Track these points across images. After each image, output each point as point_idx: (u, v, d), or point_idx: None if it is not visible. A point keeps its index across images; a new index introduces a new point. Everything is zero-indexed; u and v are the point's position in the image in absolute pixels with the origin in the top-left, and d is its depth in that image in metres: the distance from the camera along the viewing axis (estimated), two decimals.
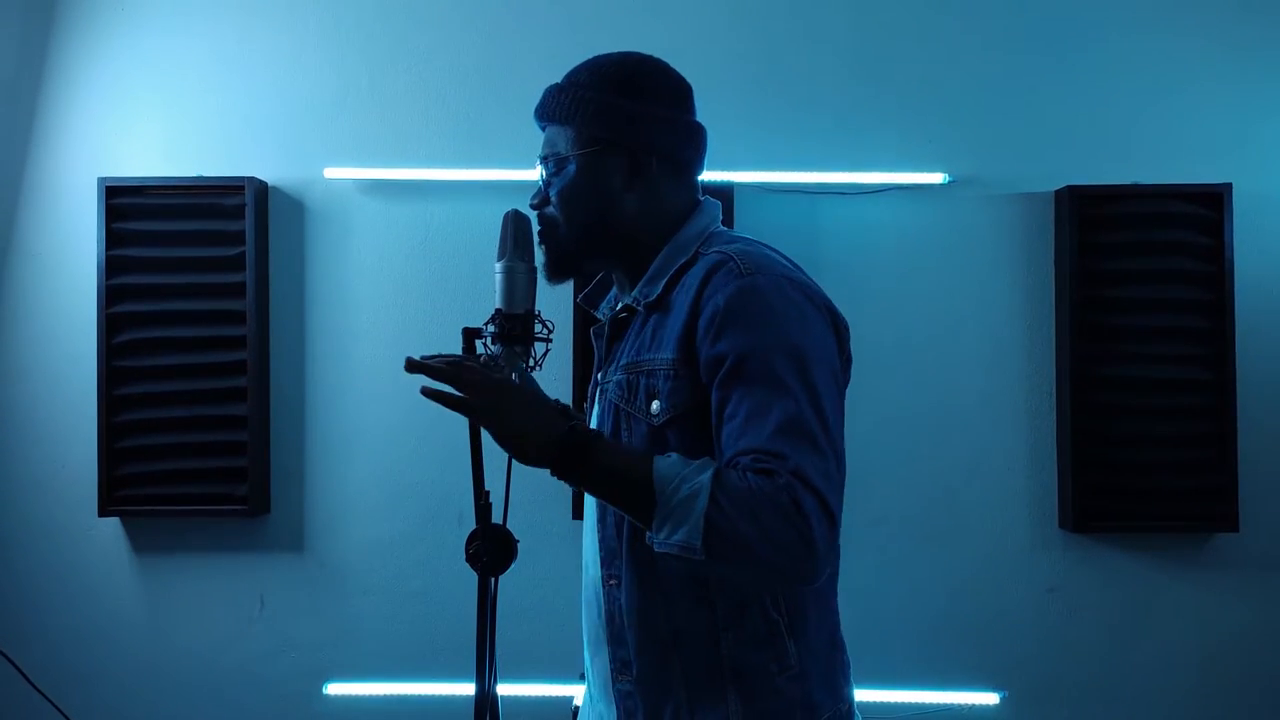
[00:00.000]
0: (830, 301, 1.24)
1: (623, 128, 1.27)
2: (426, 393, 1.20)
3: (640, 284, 1.29)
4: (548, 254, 1.33)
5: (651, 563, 1.20)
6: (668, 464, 1.12)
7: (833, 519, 1.08)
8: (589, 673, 1.34)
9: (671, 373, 1.21)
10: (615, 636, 1.27)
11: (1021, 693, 2.63)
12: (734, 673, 1.21)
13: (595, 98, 1.27)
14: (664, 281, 1.27)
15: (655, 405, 1.21)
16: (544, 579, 2.62)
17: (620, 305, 1.32)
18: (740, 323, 1.16)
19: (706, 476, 1.08)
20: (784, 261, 1.26)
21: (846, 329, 1.26)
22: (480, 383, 1.18)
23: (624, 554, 1.25)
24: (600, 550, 1.29)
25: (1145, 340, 2.59)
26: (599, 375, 1.34)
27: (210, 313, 2.60)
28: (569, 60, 1.33)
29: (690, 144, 1.32)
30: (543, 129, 1.33)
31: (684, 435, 1.19)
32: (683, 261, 1.26)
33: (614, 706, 1.27)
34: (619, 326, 1.32)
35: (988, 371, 2.66)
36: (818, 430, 1.11)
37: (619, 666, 1.26)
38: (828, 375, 1.17)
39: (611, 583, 1.27)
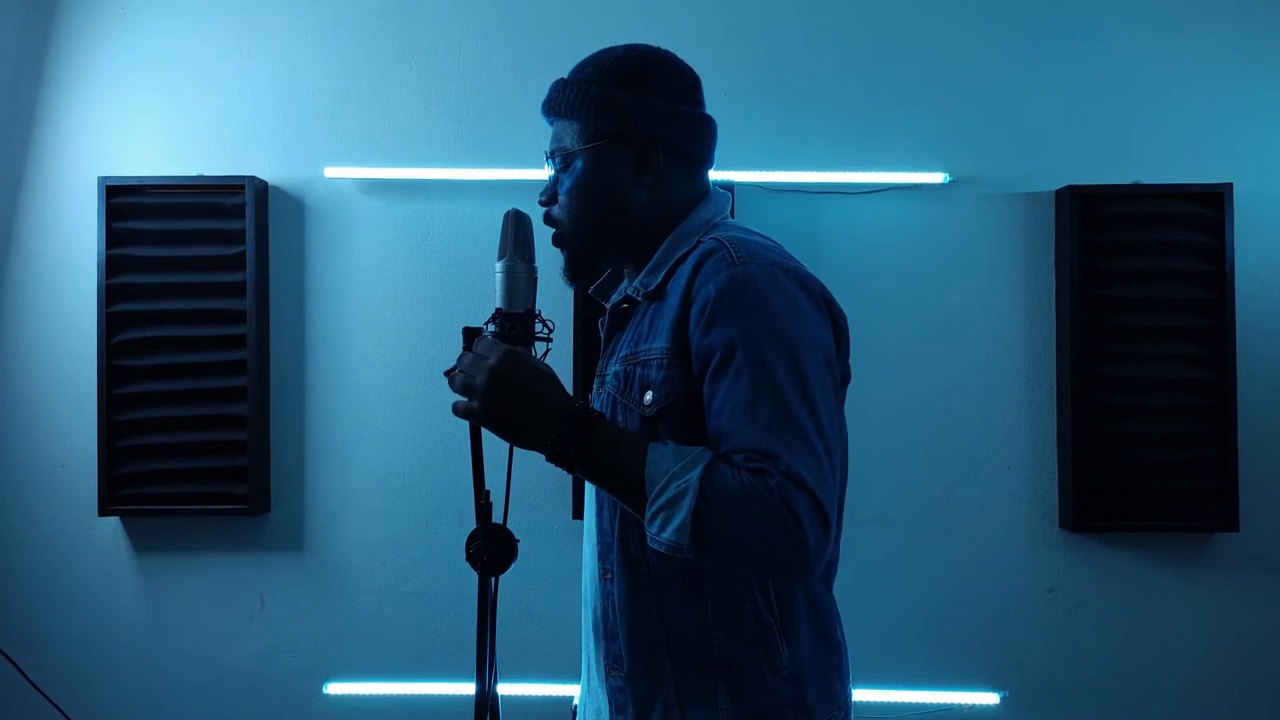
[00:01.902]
0: (827, 292, 1.22)
1: (629, 121, 1.26)
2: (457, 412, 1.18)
3: (642, 274, 1.29)
4: (565, 256, 1.32)
5: (644, 558, 1.20)
6: (661, 456, 1.10)
7: (826, 517, 1.06)
8: (587, 664, 1.34)
9: (664, 362, 1.19)
10: (609, 631, 1.26)
11: (1022, 692, 2.63)
12: (725, 671, 1.20)
13: (601, 92, 1.27)
14: (664, 272, 1.25)
15: (648, 396, 1.19)
16: (544, 578, 2.62)
17: (622, 295, 1.31)
18: (732, 313, 1.13)
19: (695, 474, 1.07)
20: (779, 250, 1.23)
21: (844, 321, 1.24)
22: (480, 354, 1.16)
23: (616, 548, 1.24)
24: (597, 543, 1.29)
25: (1146, 340, 2.59)
26: (600, 366, 1.33)
27: (210, 312, 2.60)
28: (569, 59, 1.33)
29: (698, 137, 1.31)
30: (550, 124, 1.33)
31: (675, 426, 1.17)
32: (683, 251, 1.25)
33: (608, 700, 1.27)
34: (620, 317, 1.31)
35: (988, 371, 2.66)
36: (809, 426, 1.09)
37: (612, 661, 1.26)
38: (822, 367, 1.14)
39: (606, 577, 1.26)
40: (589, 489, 1.29)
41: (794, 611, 1.22)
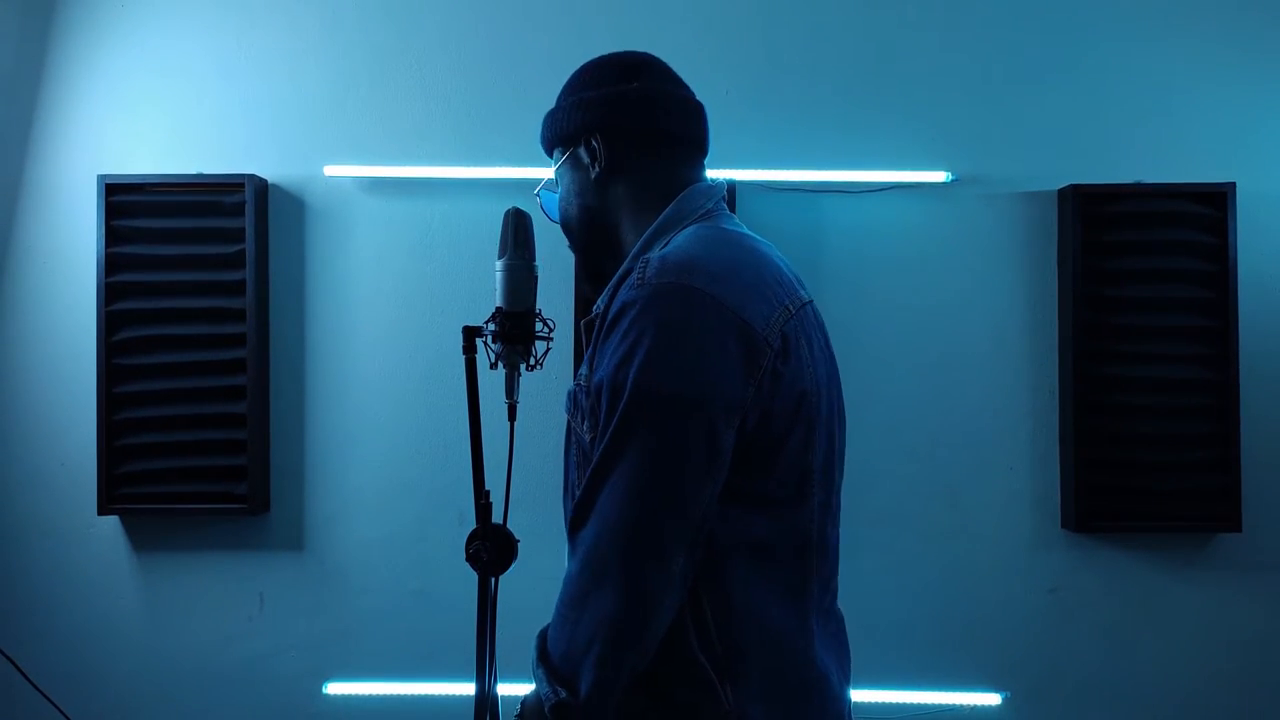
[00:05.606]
0: (752, 314, 1.09)
1: (579, 120, 1.26)
2: None
3: (604, 291, 1.25)
4: (578, 268, 1.36)
5: None
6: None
7: (589, 576, 1.10)
8: None
9: (590, 390, 1.16)
10: None
11: (1023, 693, 2.62)
12: (665, 707, 1.13)
13: (558, 107, 1.30)
14: (612, 289, 1.19)
15: (586, 424, 1.16)
16: (544, 579, 2.60)
17: (592, 311, 1.27)
18: (609, 350, 1.09)
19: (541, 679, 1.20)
20: (716, 261, 1.11)
21: (772, 341, 1.10)
22: None
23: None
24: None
25: (1148, 339, 2.58)
26: None
27: (210, 310, 2.60)
28: (570, 57, 1.34)
29: (652, 111, 1.24)
30: None
31: None
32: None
33: None
34: (591, 334, 1.26)
35: (990, 371, 2.65)
36: (629, 486, 1.06)
37: None
38: (687, 419, 1.05)
39: None
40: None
41: (741, 652, 1.11)
